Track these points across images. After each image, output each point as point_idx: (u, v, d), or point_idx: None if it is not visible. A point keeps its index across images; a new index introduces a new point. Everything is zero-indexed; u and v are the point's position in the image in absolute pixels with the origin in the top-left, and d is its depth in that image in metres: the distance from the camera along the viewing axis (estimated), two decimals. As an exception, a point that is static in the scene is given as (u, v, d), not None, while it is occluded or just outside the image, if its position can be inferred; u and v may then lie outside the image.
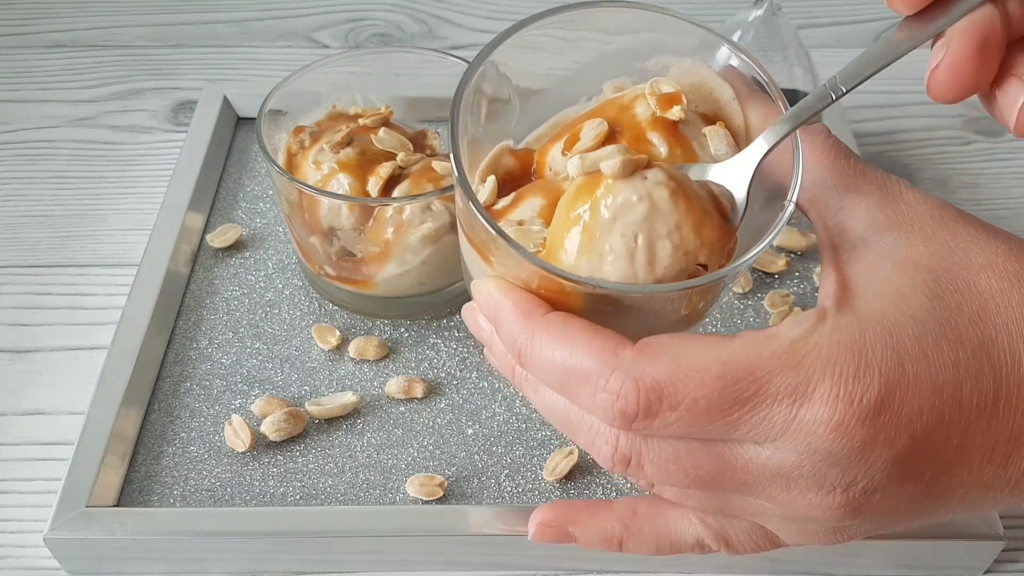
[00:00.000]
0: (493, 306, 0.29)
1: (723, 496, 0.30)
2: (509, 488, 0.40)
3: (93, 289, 0.50)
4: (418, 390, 0.43)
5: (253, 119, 0.48)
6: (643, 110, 0.31)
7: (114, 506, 0.38)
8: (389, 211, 0.42)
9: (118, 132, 0.59)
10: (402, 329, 0.46)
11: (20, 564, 0.39)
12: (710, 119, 0.32)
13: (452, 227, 0.43)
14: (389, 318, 0.46)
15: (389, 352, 0.45)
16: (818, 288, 0.48)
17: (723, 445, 0.28)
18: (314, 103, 0.47)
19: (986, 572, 0.39)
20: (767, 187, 0.31)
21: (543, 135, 0.35)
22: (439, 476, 0.40)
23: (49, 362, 0.46)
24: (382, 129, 0.45)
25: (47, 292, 0.49)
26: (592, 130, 0.31)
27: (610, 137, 0.31)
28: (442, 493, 0.39)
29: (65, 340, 0.47)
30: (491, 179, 0.32)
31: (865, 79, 0.29)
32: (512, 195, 0.32)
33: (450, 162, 0.29)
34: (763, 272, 0.49)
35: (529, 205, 0.31)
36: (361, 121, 0.45)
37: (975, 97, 0.30)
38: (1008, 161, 0.59)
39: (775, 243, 0.30)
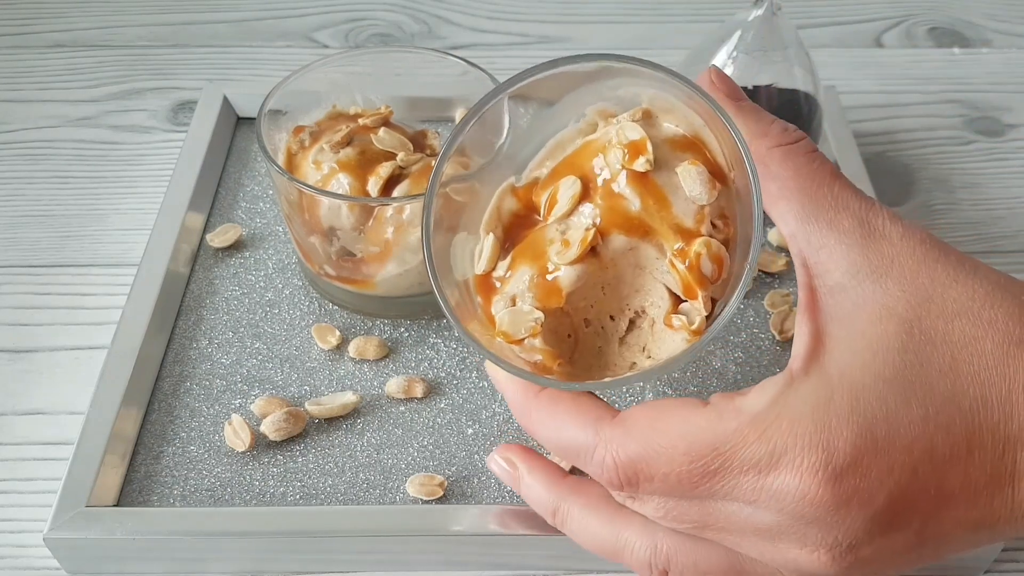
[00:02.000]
0: (499, 387, 0.34)
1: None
2: (509, 488, 0.40)
3: (93, 289, 0.50)
4: (418, 390, 0.43)
5: (253, 119, 0.48)
6: (614, 160, 0.33)
7: (114, 506, 0.38)
8: (389, 211, 0.42)
9: (118, 132, 0.59)
10: (402, 329, 0.46)
11: (20, 564, 0.39)
12: (688, 142, 0.33)
13: (452, 227, 0.43)
14: (389, 318, 0.46)
15: (389, 352, 0.45)
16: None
17: (708, 501, 0.29)
18: (314, 103, 0.47)
19: (986, 572, 0.39)
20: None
21: (541, 160, 0.36)
22: (439, 476, 0.40)
23: (49, 362, 0.46)
24: (382, 129, 0.45)
25: (47, 292, 0.49)
26: (567, 191, 0.33)
27: (585, 195, 0.33)
28: (442, 493, 0.39)
29: (65, 340, 0.47)
30: (489, 240, 0.34)
31: None
32: (509, 258, 0.34)
33: (424, 265, 0.33)
34: (763, 272, 0.49)
35: (521, 276, 0.33)
36: (361, 121, 0.45)
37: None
38: (1008, 161, 0.59)
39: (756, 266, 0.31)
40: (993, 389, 0.28)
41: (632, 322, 0.34)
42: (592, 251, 0.33)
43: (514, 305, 0.33)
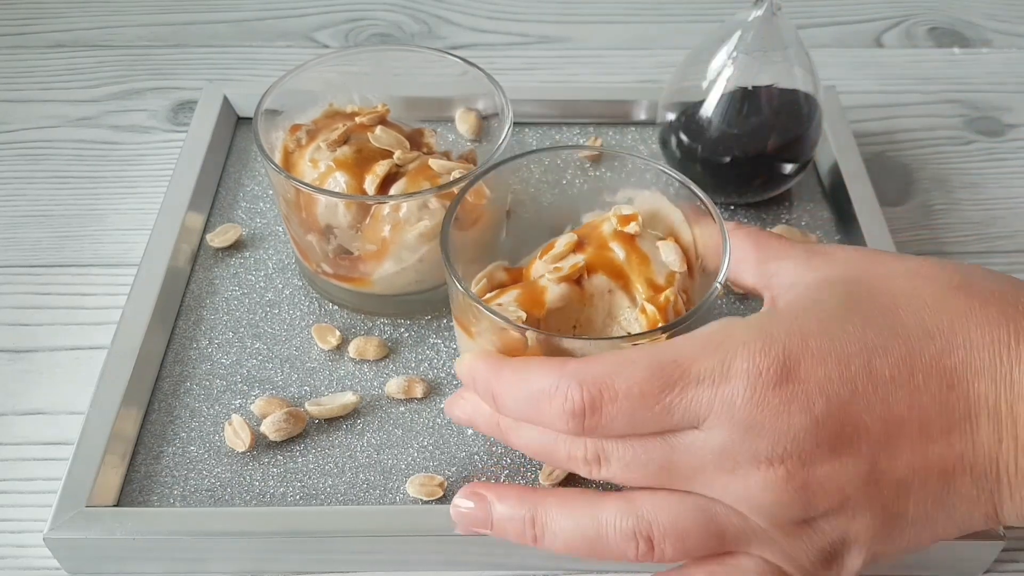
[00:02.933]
0: (470, 371, 0.34)
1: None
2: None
3: (93, 289, 0.50)
4: (418, 390, 0.43)
5: (253, 119, 0.48)
6: (608, 227, 0.39)
7: (114, 506, 0.39)
8: (386, 209, 0.42)
9: (118, 132, 0.59)
10: (402, 329, 0.46)
11: (20, 564, 0.39)
12: (664, 237, 0.40)
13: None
14: (387, 316, 0.46)
15: (389, 352, 0.45)
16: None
17: (668, 436, 0.30)
18: (310, 102, 0.47)
19: (986, 572, 0.39)
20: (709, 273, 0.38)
21: (534, 256, 0.41)
22: (439, 476, 0.40)
23: (49, 362, 0.46)
24: (379, 127, 0.45)
25: (47, 292, 0.49)
26: (564, 240, 0.39)
27: (578, 246, 0.39)
28: (442, 493, 0.39)
29: (65, 340, 0.47)
30: (481, 279, 0.39)
31: None
32: (496, 291, 0.38)
33: (444, 264, 0.36)
34: (763, 272, 0.49)
35: (509, 295, 0.37)
36: (358, 119, 0.45)
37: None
38: (1008, 161, 0.59)
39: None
40: (933, 321, 0.29)
41: None
42: (577, 282, 0.37)
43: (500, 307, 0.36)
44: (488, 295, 0.39)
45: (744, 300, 0.47)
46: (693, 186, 0.39)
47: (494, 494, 0.34)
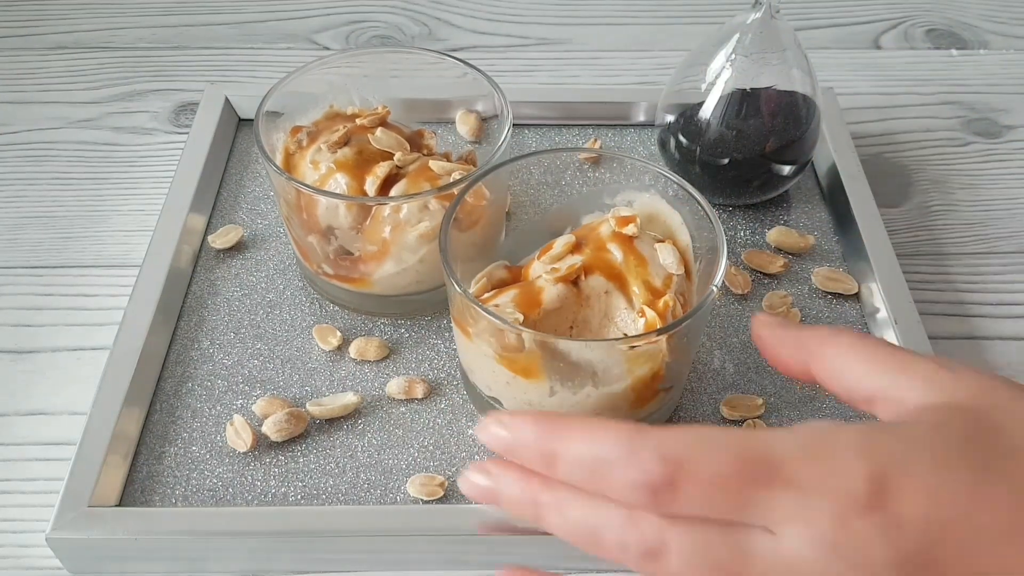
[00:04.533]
0: (512, 427, 0.30)
1: None
2: (509, 488, 0.40)
3: (95, 290, 0.50)
4: (418, 390, 0.43)
5: (254, 121, 0.49)
6: (606, 229, 0.39)
7: (116, 506, 0.39)
8: (386, 210, 0.42)
9: (120, 134, 0.59)
10: (403, 330, 0.46)
11: (22, 564, 0.39)
12: (662, 240, 0.40)
13: (449, 226, 0.43)
14: (387, 316, 0.46)
15: (390, 353, 0.45)
16: (815, 289, 0.48)
17: (740, 533, 0.28)
18: (311, 103, 0.47)
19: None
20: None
21: (533, 257, 0.42)
22: (439, 476, 0.40)
23: (51, 362, 0.46)
24: (379, 129, 0.45)
25: (49, 293, 0.50)
26: (562, 241, 0.39)
27: (577, 247, 0.39)
28: (442, 493, 0.39)
29: (67, 340, 0.47)
30: (481, 279, 0.40)
31: None
32: (494, 291, 0.39)
33: (443, 268, 0.36)
34: (762, 273, 0.49)
35: (507, 295, 0.37)
36: (358, 121, 0.46)
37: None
38: (1006, 162, 0.59)
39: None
40: None
41: None
42: (574, 283, 0.38)
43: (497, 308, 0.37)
44: (486, 295, 0.39)
45: (743, 301, 0.47)
46: (690, 188, 0.39)
47: (499, 468, 0.30)
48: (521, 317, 0.36)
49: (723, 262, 0.35)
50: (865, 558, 0.26)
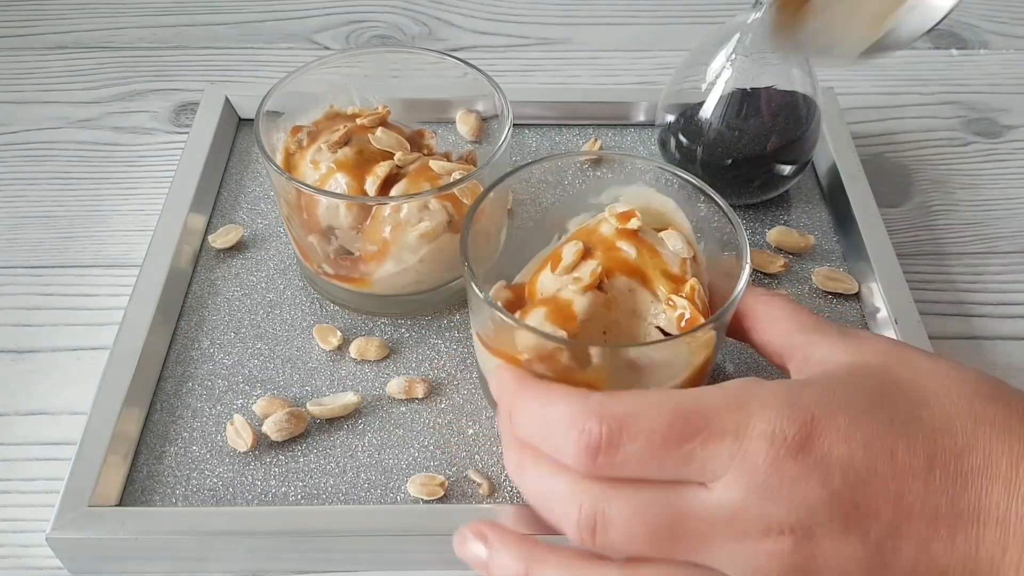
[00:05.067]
0: (499, 381, 0.34)
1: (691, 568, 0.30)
2: (509, 488, 0.40)
3: (95, 290, 0.50)
4: (419, 390, 0.43)
5: (254, 120, 0.49)
6: (608, 228, 0.39)
7: (116, 506, 0.39)
8: (387, 210, 0.42)
9: (120, 133, 0.59)
10: (403, 330, 0.46)
11: (22, 564, 0.39)
12: (661, 229, 0.40)
13: (449, 226, 0.43)
14: (387, 316, 0.46)
15: (390, 352, 0.45)
16: (816, 288, 0.48)
17: (677, 492, 0.29)
18: (312, 103, 0.47)
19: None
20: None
21: (530, 269, 0.42)
22: (440, 476, 0.40)
23: (51, 362, 0.46)
24: (379, 129, 0.45)
25: (49, 293, 0.50)
26: (571, 250, 0.38)
27: (587, 253, 0.38)
28: (442, 493, 0.39)
29: (67, 340, 0.47)
30: (503, 294, 0.40)
31: None
32: (517, 313, 0.38)
33: (465, 273, 0.36)
34: (762, 273, 0.49)
35: (534, 316, 0.37)
36: (359, 121, 0.46)
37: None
38: (1006, 162, 0.59)
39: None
40: (957, 421, 0.30)
41: None
42: (599, 287, 0.37)
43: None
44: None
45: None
46: (695, 180, 0.39)
47: (496, 537, 0.32)
48: (564, 333, 0.35)
49: (745, 242, 0.36)
50: (799, 498, 0.28)
